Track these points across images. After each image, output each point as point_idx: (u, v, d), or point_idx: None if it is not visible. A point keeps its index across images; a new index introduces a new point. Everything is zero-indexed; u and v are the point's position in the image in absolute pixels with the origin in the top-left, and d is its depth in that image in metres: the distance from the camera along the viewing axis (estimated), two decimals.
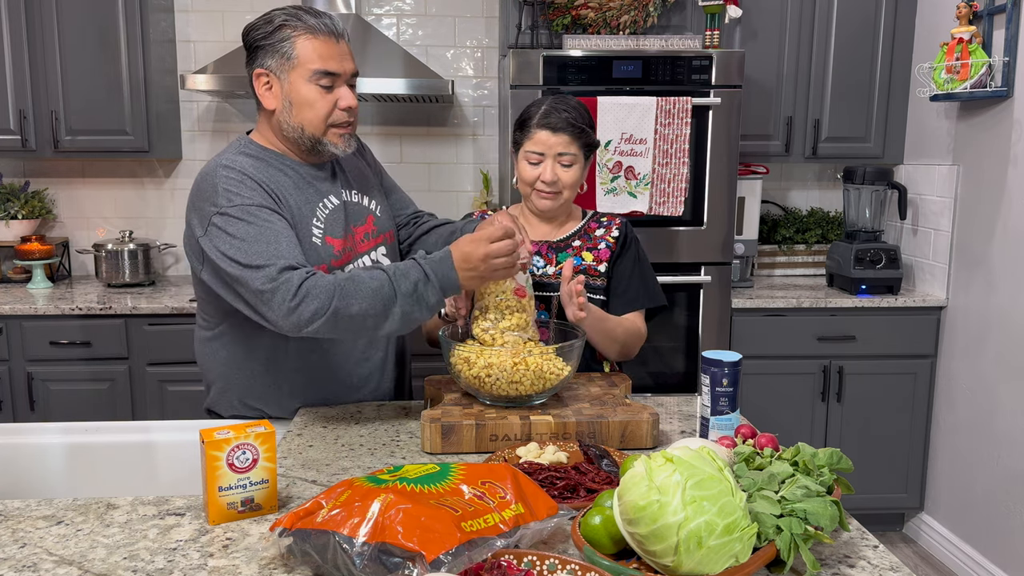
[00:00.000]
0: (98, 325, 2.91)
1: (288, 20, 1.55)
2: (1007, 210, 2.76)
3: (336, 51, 1.57)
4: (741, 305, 3.03)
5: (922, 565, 3.05)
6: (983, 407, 2.89)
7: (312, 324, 1.43)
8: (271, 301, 1.43)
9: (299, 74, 1.55)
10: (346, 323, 1.45)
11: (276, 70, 1.56)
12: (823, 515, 1.03)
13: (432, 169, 3.56)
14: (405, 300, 1.45)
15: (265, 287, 1.43)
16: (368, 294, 1.44)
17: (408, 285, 1.45)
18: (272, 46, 1.55)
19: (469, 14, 3.48)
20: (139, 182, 3.49)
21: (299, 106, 1.57)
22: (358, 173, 1.77)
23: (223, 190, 1.51)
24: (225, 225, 1.48)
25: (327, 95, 1.57)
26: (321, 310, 1.42)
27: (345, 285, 1.44)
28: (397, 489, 0.99)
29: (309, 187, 1.63)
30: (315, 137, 1.60)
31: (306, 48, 1.54)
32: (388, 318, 1.46)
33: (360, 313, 1.44)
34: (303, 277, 1.43)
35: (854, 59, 3.23)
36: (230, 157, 1.58)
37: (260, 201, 1.51)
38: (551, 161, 1.77)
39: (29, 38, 3.03)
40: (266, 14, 1.57)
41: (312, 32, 1.55)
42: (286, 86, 1.57)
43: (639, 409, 1.49)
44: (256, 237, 1.46)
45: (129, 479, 1.58)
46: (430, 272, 1.46)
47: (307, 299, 1.42)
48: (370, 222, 1.73)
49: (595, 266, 1.86)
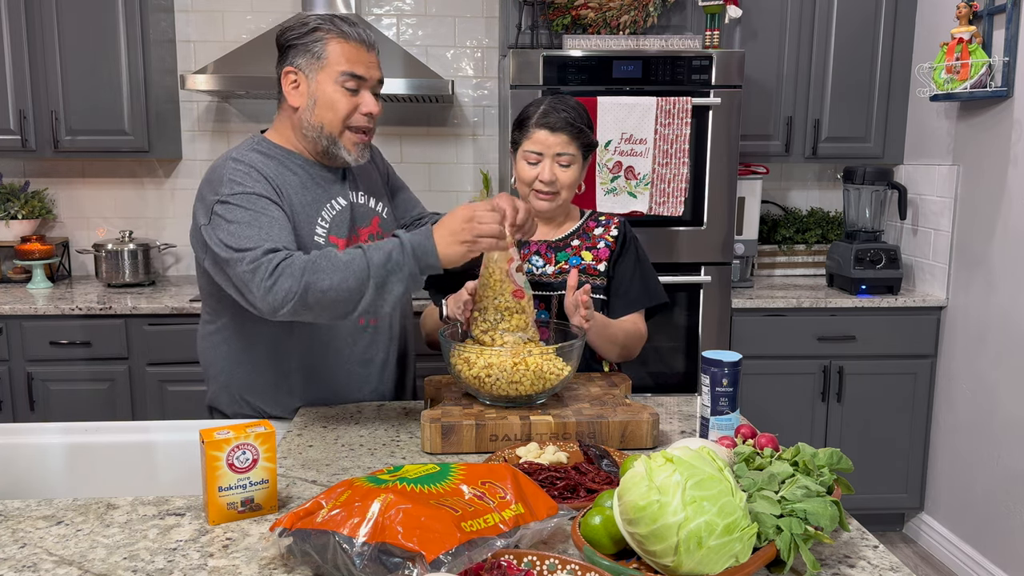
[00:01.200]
0: (98, 325, 2.91)
1: (322, 24, 1.59)
2: (1007, 210, 2.76)
3: (366, 58, 1.61)
4: (741, 305, 3.03)
5: (922, 565, 3.05)
6: (983, 407, 2.88)
7: (286, 304, 1.41)
8: (251, 283, 1.42)
9: (327, 74, 1.58)
10: (318, 299, 1.41)
11: (305, 68, 1.59)
12: (823, 515, 1.03)
13: (432, 169, 3.56)
14: (378, 271, 1.41)
15: (247, 268, 1.43)
16: (339, 267, 1.41)
17: (381, 255, 1.42)
18: (304, 45, 1.59)
19: (469, 14, 3.48)
20: (139, 182, 3.49)
21: (322, 106, 1.59)
22: (367, 175, 1.78)
23: (228, 180, 1.53)
24: (224, 212, 1.50)
25: (351, 98, 1.60)
26: (293, 288, 1.40)
27: (317, 260, 1.42)
28: (397, 489, 0.99)
29: (317, 187, 1.64)
30: (332, 137, 1.61)
31: (336, 50, 1.58)
32: (364, 293, 1.42)
33: (332, 287, 1.40)
34: (282, 258, 1.42)
35: (854, 59, 3.23)
36: (241, 152, 1.60)
37: (260, 191, 1.52)
38: (549, 161, 1.77)
39: (29, 38, 3.03)
40: (302, 17, 1.62)
41: (344, 37, 1.59)
42: (313, 85, 1.59)
43: (639, 409, 1.49)
44: (249, 222, 1.47)
45: (129, 479, 1.58)
46: (405, 240, 1.43)
47: (280, 278, 1.40)
48: (375, 224, 1.74)
49: (594, 265, 1.86)
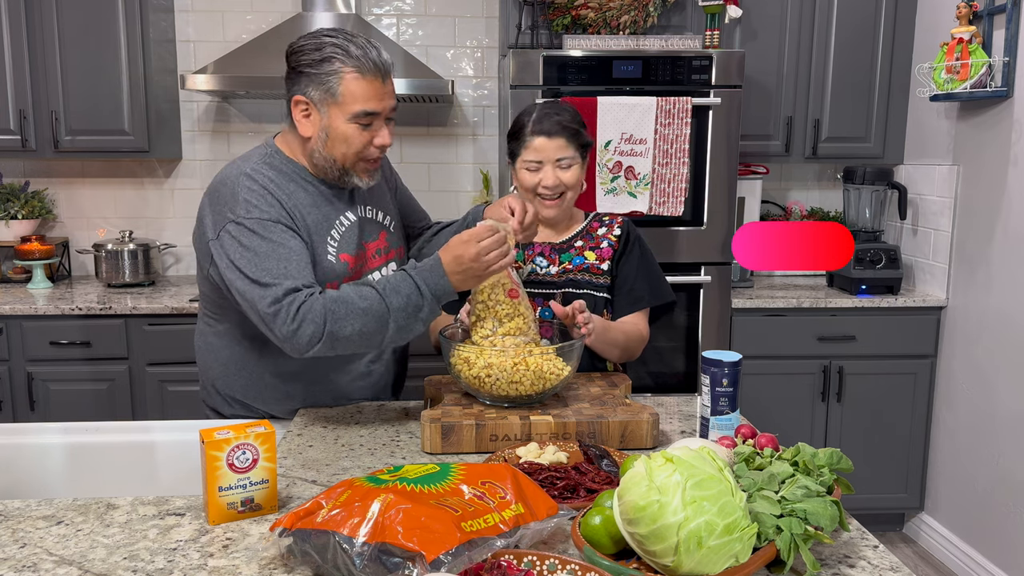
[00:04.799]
0: (98, 325, 2.91)
1: (336, 53, 1.50)
2: (1007, 210, 2.76)
3: (381, 90, 1.54)
4: (741, 305, 3.03)
5: (922, 565, 3.05)
6: (983, 407, 2.88)
7: (311, 348, 1.45)
8: (273, 324, 1.45)
9: (341, 111, 1.53)
10: (343, 344, 1.46)
11: (317, 102, 1.53)
12: (823, 515, 1.03)
13: (432, 169, 3.56)
14: (399, 315, 1.46)
15: (269, 309, 1.44)
16: (359, 314, 1.44)
17: (400, 300, 1.46)
18: (318, 76, 1.51)
19: (469, 14, 3.48)
20: (139, 182, 3.49)
21: (335, 140, 1.55)
22: (375, 188, 1.75)
23: (243, 200, 1.50)
24: (239, 235, 1.48)
25: (365, 132, 1.56)
26: (316, 335, 1.43)
27: (335, 308, 1.43)
28: (397, 489, 0.99)
29: (327, 204, 1.62)
30: (344, 168, 1.59)
31: (352, 88, 1.51)
32: (384, 334, 1.47)
33: (355, 333, 1.45)
34: (301, 300, 1.43)
35: (854, 59, 3.23)
36: (254, 166, 1.56)
37: (277, 217, 1.51)
38: (551, 166, 1.77)
39: (29, 38, 3.03)
40: (314, 37, 1.53)
41: (360, 71, 1.51)
42: (325, 120, 1.54)
43: (639, 409, 1.49)
44: (268, 253, 1.47)
45: (129, 479, 1.58)
46: (421, 284, 1.47)
47: (303, 324, 1.43)
48: (383, 238, 1.73)
49: (598, 264, 1.86)
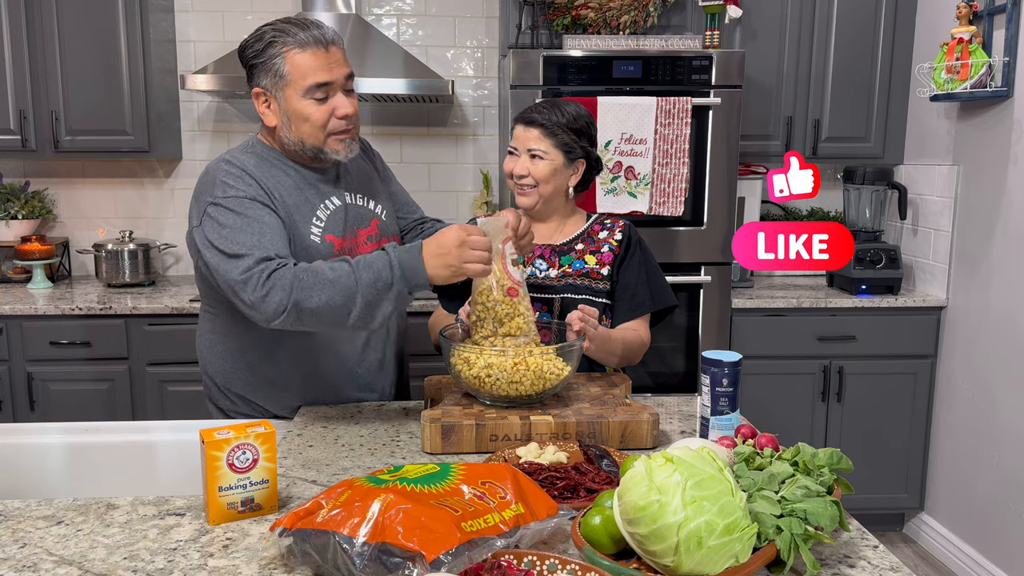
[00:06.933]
0: (98, 325, 2.91)
1: (276, 36, 1.54)
2: (1007, 210, 2.75)
3: (326, 60, 1.55)
4: (741, 305, 3.03)
5: (922, 565, 3.05)
6: (983, 407, 2.88)
7: (277, 317, 1.43)
8: (244, 291, 1.44)
9: (293, 90, 1.55)
10: (308, 315, 1.43)
11: (271, 88, 1.57)
12: (823, 515, 1.03)
13: (432, 169, 3.56)
14: (367, 290, 1.43)
15: (240, 277, 1.43)
16: (326, 284, 1.42)
17: (370, 275, 1.43)
18: (264, 64, 1.56)
19: (469, 14, 3.48)
20: (139, 182, 3.49)
21: (297, 121, 1.57)
22: (363, 176, 1.76)
23: (220, 182, 1.53)
24: (217, 215, 1.50)
25: (322, 106, 1.57)
26: (283, 303, 1.42)
27: (304, 277, 1.42)
28: (397, 489, 0.99)
29: (311, 188, 1.63)
30: (316, 147, 1.60)
31: (296, 63, 1.54)
32: (352, 309, 1.43)
33: (321, 305, 1.42)
34: (273, 268, 1.43)
35: (854, 59, 3.23)
36: (234, 154, 1.60)
37: (254, 195, 1.52)
38: (525, 155, 1.78)
39: (29, 38, 3.03)
40: (257, 30, 1.57)
41: (301, 46, 1.54)
42: (283, 103, 1.57)
43: (639, 409, 1.49)
44: (242, 227, 1.48)
45: (129, 479, 1.58)
46: (395, 261, 1.44)
47: (272, 291, 1.42)
48: (374, 225, 1.73)
49: (598, 269, 1.85)
